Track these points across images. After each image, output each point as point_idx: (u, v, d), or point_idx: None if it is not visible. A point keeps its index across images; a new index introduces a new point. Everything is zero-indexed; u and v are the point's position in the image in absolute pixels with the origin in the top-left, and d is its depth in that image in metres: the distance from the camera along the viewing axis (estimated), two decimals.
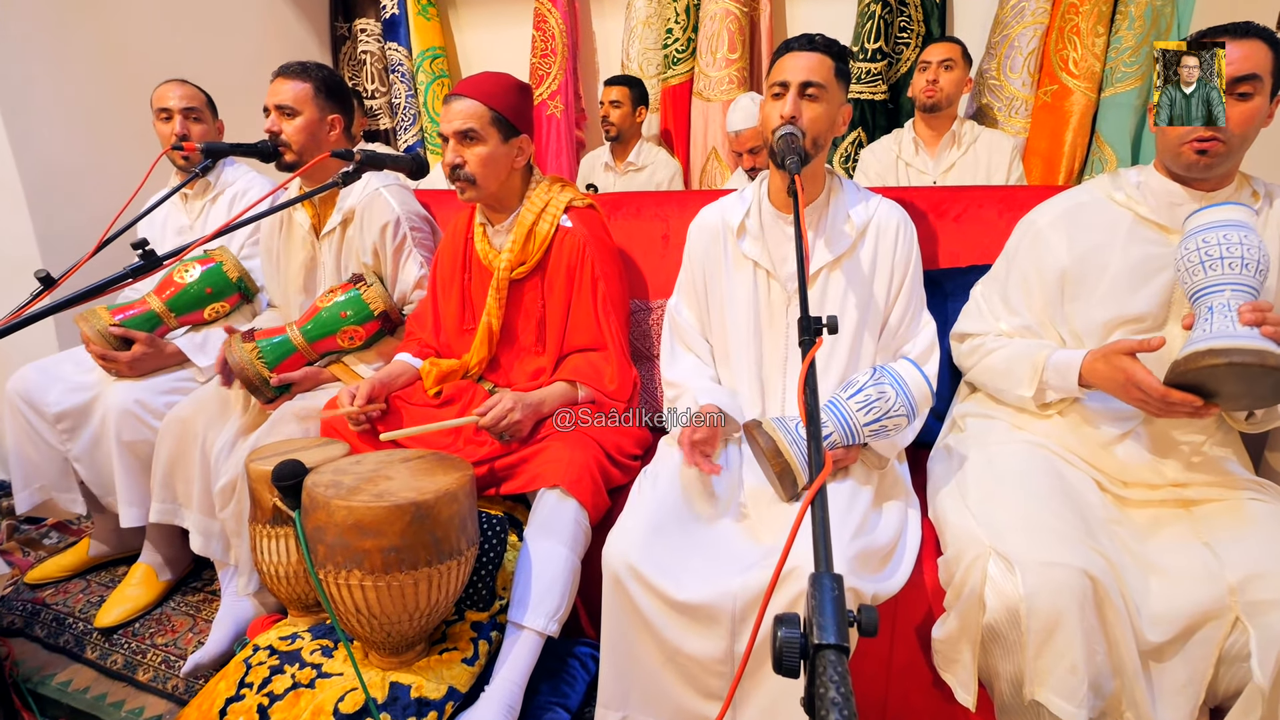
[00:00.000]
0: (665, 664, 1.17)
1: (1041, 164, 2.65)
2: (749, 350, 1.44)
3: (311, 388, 1.75)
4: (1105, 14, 2.48)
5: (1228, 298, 1.07)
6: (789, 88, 1.30)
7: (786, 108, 1.29)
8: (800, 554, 1.10)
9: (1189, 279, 1.12)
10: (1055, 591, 0.99)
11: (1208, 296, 1.09)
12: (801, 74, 1.29)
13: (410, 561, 1.09)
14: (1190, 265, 1.11)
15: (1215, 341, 1.03)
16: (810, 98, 1.30)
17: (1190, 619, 1.02)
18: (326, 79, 1.71)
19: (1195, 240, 1.12)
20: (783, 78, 1.31)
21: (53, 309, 0.94)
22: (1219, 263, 1.08)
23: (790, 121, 1.28)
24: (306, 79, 1.68)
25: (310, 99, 1.68)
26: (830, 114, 1.32)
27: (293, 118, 1.67)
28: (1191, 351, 1.05)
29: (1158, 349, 1.13)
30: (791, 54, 1.31)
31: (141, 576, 1.91)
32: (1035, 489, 1.16)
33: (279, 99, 1.66)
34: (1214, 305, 1.07)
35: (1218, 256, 1.08)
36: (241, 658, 1.21)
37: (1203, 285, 1.10)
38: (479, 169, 1.49)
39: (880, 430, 1.26)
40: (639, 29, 3.08)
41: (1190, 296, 1.13)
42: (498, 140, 1.50)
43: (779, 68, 1.33)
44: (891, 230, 1.40)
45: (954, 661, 1.11)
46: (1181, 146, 1.19)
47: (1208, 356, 1.02)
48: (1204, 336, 1.05)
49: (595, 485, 1.40)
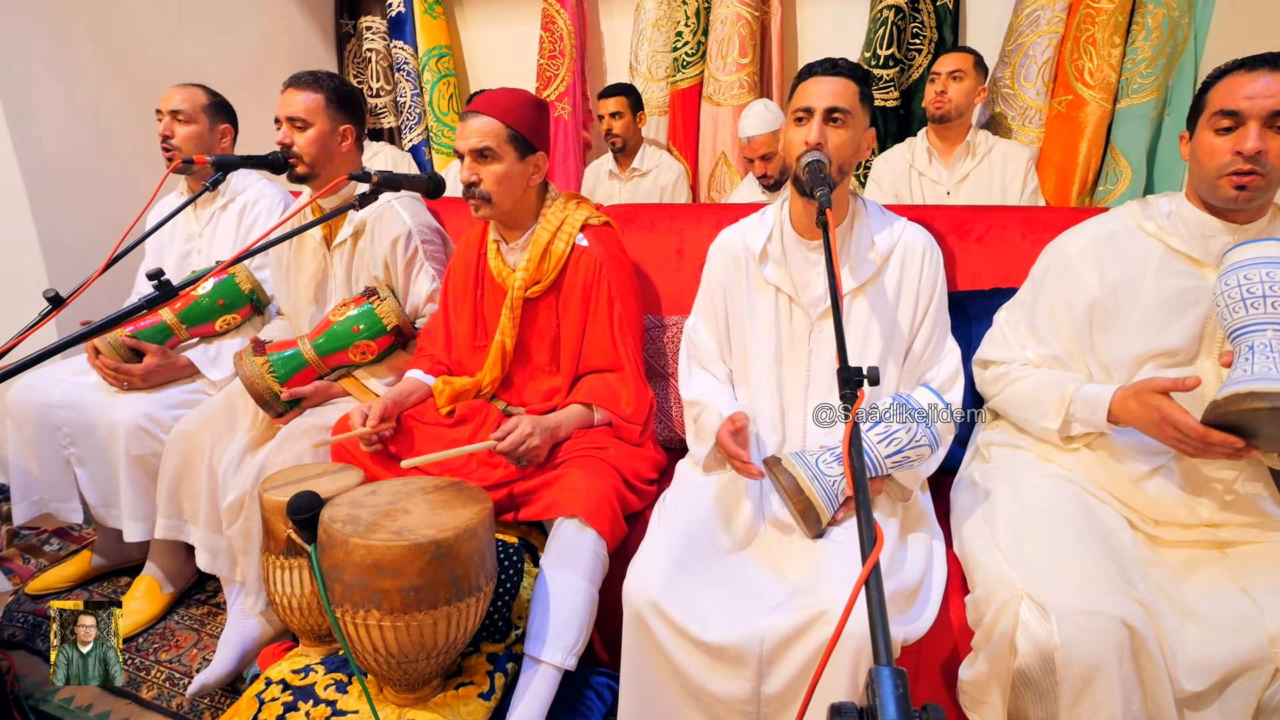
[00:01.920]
0: (688, 701, 1.15)
1: (1055, 174, 2.62)
2: (770, 376, 1.42)
3: (322, 402, 1.73)
4: (1121, 25, 2.45)
5: (1269, 338, 1.04)
6: (814, 113, 1.27)
7: (811, 134, 1.25)
8: (830, 595, 1.08)
9: (1229, 315, 1.10)
10: (1093, 641, 0.97)
11: (1249, 335, 1.07)
12: (827, 99, 1.26)
13: (430, 601, 1.07)
14: (1230, 302, 1.09)
15: (1258, 384, 1.01)
16: (835, 123, 1.27)
17: (1229, 669, 1.01)
18: (338, 89, 1.67)
19: (1236, 276, 1.09)
20: (807, 103, 1.28)
21: (73, 341, 0.91)
22: (1261, 301, 1.06)
23: (815, 148, 1.25)
24: (318, 89, 1.64)
25: (322, 110, 1.64)
26: (855, 140, 1.29)
27: (304, 130, 1.63)
28: (1233, 393, 1.03)
29: (1193, 389, 1.11)
30: (815, 78, 1.29)
31: (145, 590, 1.88)
32: (1067, 529, 1.14)
33: (290, 110, 1.62)
34: (1255, 345, 1.05)
35: (1260, 295, 1.06)
36: (254, 692, 1.19)
37: (1244, 323, 1.07)
38: (494, 187, 1.46)
39: (903, 461, 1.24)
40: (648, 31, 3.04)
41: (1229, 333, 1.11)
42: (514, 158, 1.47)
43: (802, 92, 1.30)
44: (917, 255, 1.37)
45: (982, 704, 1.10)
46: (1219, 180, 1.16)
47: (1250, 399, 1.00)
48: (1245, 378, 1.03)
49: (614, 514, 1.38)
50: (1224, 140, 1.15)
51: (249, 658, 1.64)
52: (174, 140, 1.93)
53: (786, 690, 1.09)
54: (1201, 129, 1.20)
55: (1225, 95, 1.15)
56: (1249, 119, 1.13)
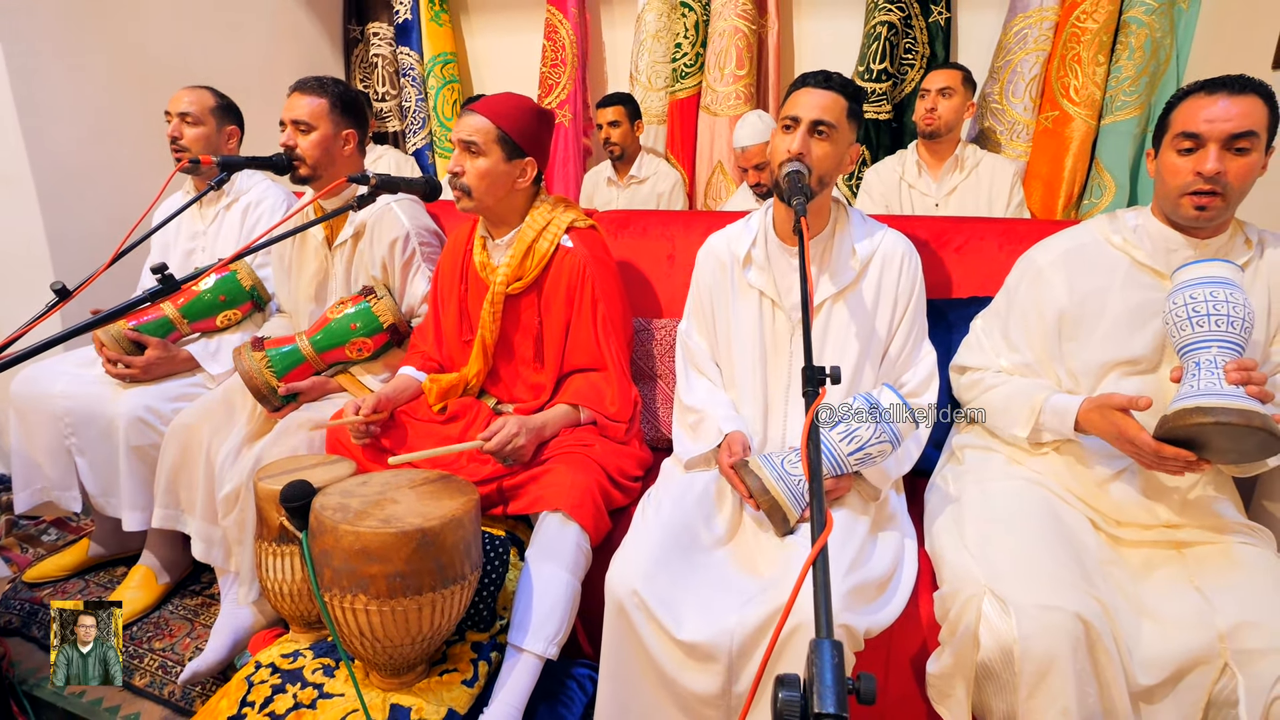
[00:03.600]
0: (663, 693, 1.18)
1: (1042, 188, 2.68)
2: (754, 376, 1.46)
3: (318, 397, 1.77)
4: (1106, 44, 2.51)
5: (1214, 354, 1.09)
6: (799, 123, 1.31)
7: (795, 143, 1.30)
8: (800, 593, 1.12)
9: (1177, 333, 1.14)
10: (1049, 635, 1.01)
11: (1195, 352, 1.11)
12: (814, 111, 1.30)
13: (415, 587, 1.11)
14: (1178, 320, 1.13)
15: (1202, 400, 1.05)
16: (820, 135, 1.31)
17: (1181, 663, 1.04)
18: (342, 94, 1.72)
19: (1183, 295, 1.14)
20: (795, 113, 1.32)
21: (78, 330, 0.95)
22: (1206, 319, 1.10)
23: (797, 158, 1.29)
24: (323, 94, 1.69)
25: (326, 114, 1.69)
26: (838, 153, 1.33)
27: (308, 133, 1.68)
28: (1180, 408, 1.08)
29: (1145, 409, 1.15)
30: (806, 89, 1.32)
31: (140, 579, 1.92)
32: (1032, 529, 1.18)
33: (295, 114, 1.67)
34: (1201, 361, 1.10)
35: (1205, 313, 1.10)
36: (243, 675, 1.23)
37: (1190, 341, 1.12)
38: (475, 181, 1.51)
39: (865, 459, 1.27)
40: (649, 42, 3.10)
41: (1178, 350, 1.15)
42: (499, 157, 1.52)
43: (793, 101, 1.34)
44: (896, 261, 1.42)
45: (948, 696, 1.13)
46: (1180, 199, 1.21)
47: (1195, 414, 1.05)
48: (1191, 393, 1.08)
49: (597, 509, 1.42)
50: (1185, 160, 1.20)
51: (240, 646, 1.68)
52: (182, 141, 1.98)
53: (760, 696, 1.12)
54: (1165, 148, 1.24)
55: (1186, 117, 1.20)
56: (1208, 141, 1.17)
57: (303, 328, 1.89)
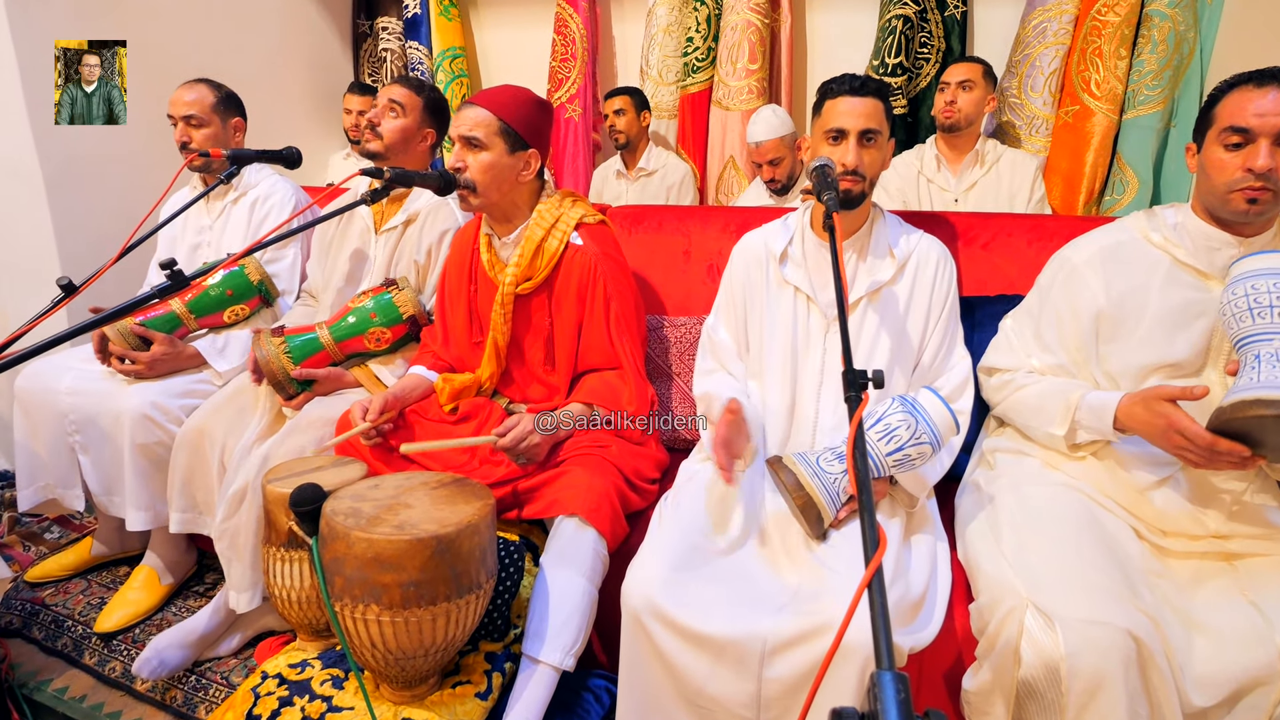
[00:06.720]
0: (685, 706, 1.14)
1: (1062, 183, 2.63)
2: (785, 372, 1.43)
3: (332, 390, 1.73)
4: (1128, 37, 2.46)
5: (1276, 347, 1.04)
6: (848, 135, 1.31)
7: (850, 157, 1.30)
8: (835, 604, 1.07)
9: (1235, 325, 1.09)
10: (1099, 652, 0.96)
11: (1255, 344, 1.06)
12: (861, 121, 1.30)
13: (429, 597, 1.06)
14: (1237, 311, 1.09)
15: (1264, 391, 1.00)
16: (869, 143, 1.32)
17: (1238, 683, 0.99)
18: (437, 100, 1.84)
19: (1244, 286, 1.09)
20: (839, 124, 1.31)
21: (85, 327, 0.92)
22: (1268, 310, 1.06)
23: (854, 171, 1.30)
24: (421, 93, 1.80)
25: (419, 108, 1.79)
26: (885, 156, 1.36)
27: (396, 117, 1.77)
28: (1239, 400, 1.03)
29: (1201, 398, 1.10)
30: (844, 98, 1.32)
31: (144, 580, 1.88)
32: (1073, 537, 1.13)
33: (393, 94, 1.77)
34: (1261, 354, 1.05)
35: (1267, 305, 1.06)
36: (249, 686, 1.18)
37: (1251, 332, 1.07)
38: (479, 175, 1.47)
39: (904, 460, 1.23)
40: (659, 36, 3.06)
41: (1235, 342, 1.10)
42: (502, 150, 1.48)
43: (832, 112, 1.33)
44: (931, 265, 1.40)
45: (986, 714, 1.08)
46: (1231, 194, 1.16)
47: (1256, 406, 1.00)
48: (1251, 385, 1.03)
49: (614, 513, 1.37)
50: (1234, 156, 1.15)
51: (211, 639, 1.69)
52: (193, 145, 1.96)
53: (787, 695, 1.07)
54: (1210, 144, 1.19)
55: (1234, 111, 1.15)
56: (1259, 136, 1.12)
57: (327, 312, 1.89)
